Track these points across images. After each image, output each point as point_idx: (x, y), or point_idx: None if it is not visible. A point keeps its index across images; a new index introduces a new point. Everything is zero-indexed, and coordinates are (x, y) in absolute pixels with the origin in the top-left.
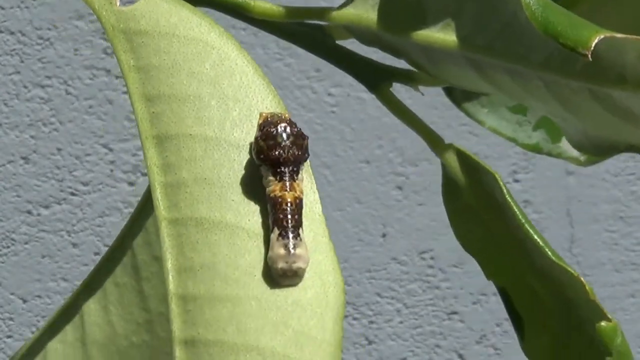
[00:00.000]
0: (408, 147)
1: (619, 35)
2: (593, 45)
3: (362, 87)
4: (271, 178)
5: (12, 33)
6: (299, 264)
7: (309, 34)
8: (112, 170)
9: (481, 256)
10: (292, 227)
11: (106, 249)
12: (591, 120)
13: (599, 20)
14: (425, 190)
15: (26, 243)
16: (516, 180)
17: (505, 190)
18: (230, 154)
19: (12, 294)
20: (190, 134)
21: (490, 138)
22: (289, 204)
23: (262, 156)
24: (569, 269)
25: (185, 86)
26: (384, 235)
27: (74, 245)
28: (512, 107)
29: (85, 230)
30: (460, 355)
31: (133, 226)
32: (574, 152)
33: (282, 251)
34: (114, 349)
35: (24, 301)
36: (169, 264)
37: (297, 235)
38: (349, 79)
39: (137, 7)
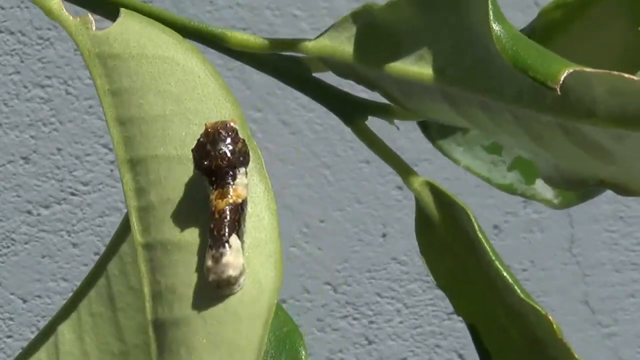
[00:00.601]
0: (408, 147)
1: (587, 69)
2: (562, 79)
3: (361, 87)
4: (209, 187)
5: (12, 33)
6: (229, 273)
7: (285, 65)
8: (112, 170)
9: (451, 291)
10: (220, 235)
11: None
12: (561, 155)
13: (575, 55)
14: None
15: (26, 243)
16: None
17: (476, 227)
18: (190, 170)
19: (12, 294)
20: (156, 155)
21: None
22: (218, 213)
23: (197, 167)
24: (538, 307)
25: (152, 106)
26: (384, 235)
27: (74, 245)
28: (488, 147)
29: (85, 230)
30: (460, 355)
31: (109, 253)
32: (548, 194)
33: (210, 263)
34: None
35: (24, 301)
36: (145, 290)
37: (224, 244)
38: None
39: (111, 30)
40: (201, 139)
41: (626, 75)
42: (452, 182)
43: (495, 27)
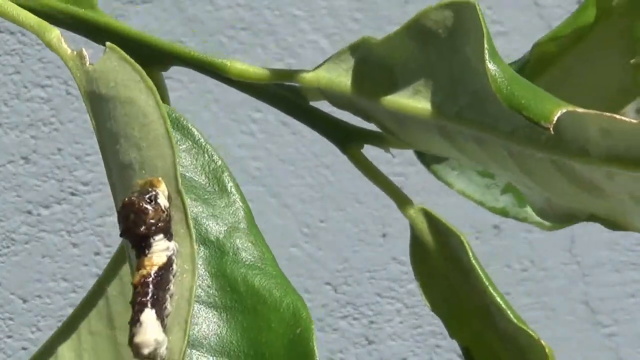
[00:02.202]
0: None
1: (580, 110)
2: (555, 119)
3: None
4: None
5: (12, 33)
6: (141, 352)
7: (283, 94)
8: None
9: (446, 315)
10: (134, 312)
11: (106, 249)
12: (554, 190)
13: (568, 87)
14: (425, 191)
15: (26, 243)
16: None
17: (470, 254)
18: None
19: (12, 294)
20: None
21: None
22: (134, 286)
23: (120, 236)
24: (531, 332)
25: (123, 154)
26: (384, 235)
27: (74, 245)
28: (481, 171)
29: (85, 230)
30: (460, 356)
31: (109, 274)
32: (540, 218)
33: (128, 341)
34: None
35: (24, 301)
36: None
37: (135, 323)
38: None
39: (97, 67)
40: (119, 210)
41: (617, 116)
42: None
43: (491, 66)
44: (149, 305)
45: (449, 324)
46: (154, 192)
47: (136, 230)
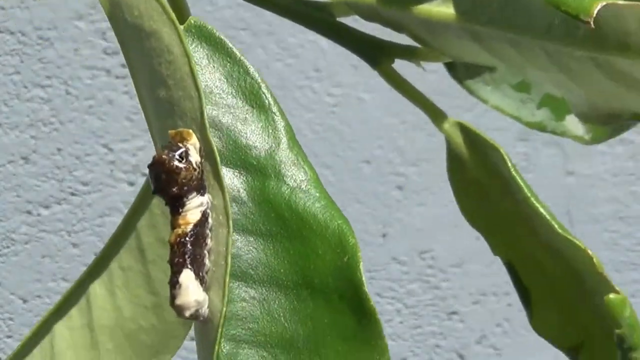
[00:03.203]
0: (408, 147)
1: (620, 2)
2: (595, 12)
3: (362, 87)
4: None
5: (12, 33)
6: (183, 314)
7: (309, 11)
8: (112, 170)
9: (487, 231)
10: (172, 274)
11: None
12: (594, 89)
13: None
14: (425, 190)
15: (26, 243)
16: None
17: (510, 165)
18: None
19: (12, 294)
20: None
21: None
22: (170, 246)
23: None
24: (577, 241)
25: (153, 88)
26: (384, 235)
27: (74, 245)
28: (516, 85)
29: (85, 230)
30: (460, 355)
31: (137, 208)
32: (579, 131)
33: (169, 302)
34: (122, 333)
35: (24, 301)
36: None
37: (174, 285)
38: (349, 79)
39: None
40: (151, 166)
41: None
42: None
43: None
44: (187, 264)
45: (490, 239)
46: (184, 148)
47: (168, 191)
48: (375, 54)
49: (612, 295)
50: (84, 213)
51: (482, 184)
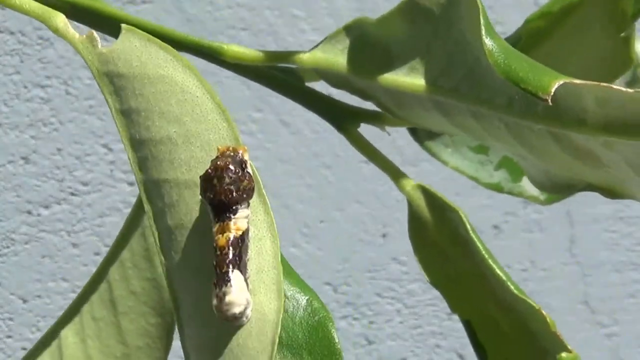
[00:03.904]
0: (408, 147)
1: (577, 81)
2: (553, 90)
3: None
4: (212, 217)
5: (12, 33)
6: (233, 311)
7: (280, 76)
8: (112, 171)
9: (446, 290)
10: (222, 273)
11: (106, 249)
12: (552, 161)
13: (559, 59)
14: None
15: (26, 243)
16: None
17: (469, 227)
18: (197, 195)
19: (12, 294)
20: (167, 179)
21: None
22: (219, 249)
23: (202, 195)
24: (531, 302)
25: (157, 128)
26: (384, 235)
27: (74, 245)
28: (475, 147)
29: (85, 230)
30: (460, 356)
31: (110, 259)
32: (534, 192)
33: (215, 301)
34: None
35: (24, 301)
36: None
37: (226, 282)
38: None
39: (114, 48)
40: (210, 171)
41: (614, 86)
42: (450, 182)
43: (487, 41)
44: (236, 266)
45: (449, 298)
46: (244, 159)
47: (230, 195)
48: (341, 118)
49: (564, 354)
50: (84, 213)
51: (442, 245)
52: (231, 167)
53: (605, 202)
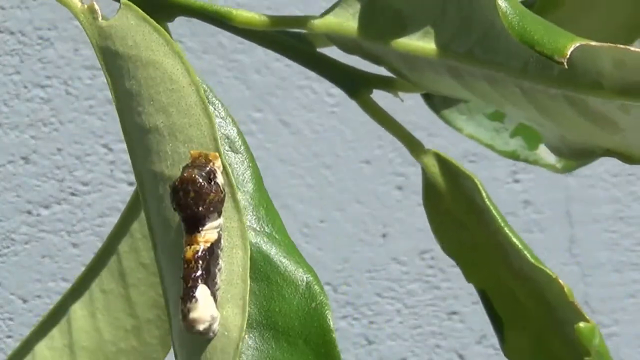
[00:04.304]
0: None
1: (594, 43)
2: (569, 53)
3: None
4: (182, 229)
5: (12, 33)
6: (197, 328)
7: (290, 42)
8: (112, 170)
9: (461, 259)
10: (188, 288)
11: None
12: (568, 126)
13: (577, 25)
14: None
15: (26, 243)
16: (516, 181)
17: (484, 195)
18: None
19: (12, 294)
20: (154, 171)
21: None
22: (186, 262)
23: (172, 205)
24: (548, 271)
25: (147, 115)
26: (384, 235)
27: (74, 245)
28: (490, 114)
29: (85, 230)
30: (460, 356)
31: (119, 232)
32: (551, 159)
33: (180, 316)
34: (102, 355)
35: (24, 301)
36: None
37: (191, 298)
38: None
39: (113, 24)
40: (177, 183)
41: (632, 48)
42: None
43: (502, 3)
44: (202, 281)
45: (465, 267)
46: (212, 169)
47: (195, 209)
48: (354, 84)
49: (582, 324)
50: (84, 213)
51: (457, 214)
52: (197, 179)
53: (605, 202)
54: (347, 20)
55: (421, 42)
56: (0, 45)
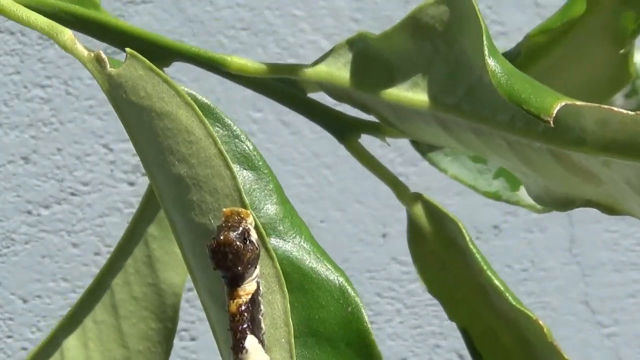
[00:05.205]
0: (408, 148)
1: (578, 102)
2: (555, 112)
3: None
4: (222, 282)
5: (12, 33)
6: None
7: (281, 87)
8: (112, 170)
9: (444, 298)
10: (237, 340)
11: (106, 249)
12: (551, 178)
13: (557, 76)
14: (425, 190)
15: (26, 243)
16: None
17: (468, 238)
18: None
19: (12, 294)
20: (185, 218)
21: None
22: (231, 315)
23: (212, 265)
24: (528, 312)
25: (169, 165)
26: (384, 235)
27: (74, 245)
28: (473, 157)
29: (85, 230)
30: (460, 356)
31: (112, 266)
32: (532, 201)
33: None
34: None
35: (24, 301)
36: None
37: (241, 350)
38: None
39: (122, 73)
40: (214, 245)
41: (615, 108)
42: (450, 182)
43: (491, 62)
44: (249, 331)
45: (447, 306)
46: (247, 228)
47: (234, 270)
48: (342, 129)
49: None
50: (84, 213)
51: (441, 255)
52: (234, 242)
53: None
54: (339, 70)
55: (410, 93)
56: (0, 45)
